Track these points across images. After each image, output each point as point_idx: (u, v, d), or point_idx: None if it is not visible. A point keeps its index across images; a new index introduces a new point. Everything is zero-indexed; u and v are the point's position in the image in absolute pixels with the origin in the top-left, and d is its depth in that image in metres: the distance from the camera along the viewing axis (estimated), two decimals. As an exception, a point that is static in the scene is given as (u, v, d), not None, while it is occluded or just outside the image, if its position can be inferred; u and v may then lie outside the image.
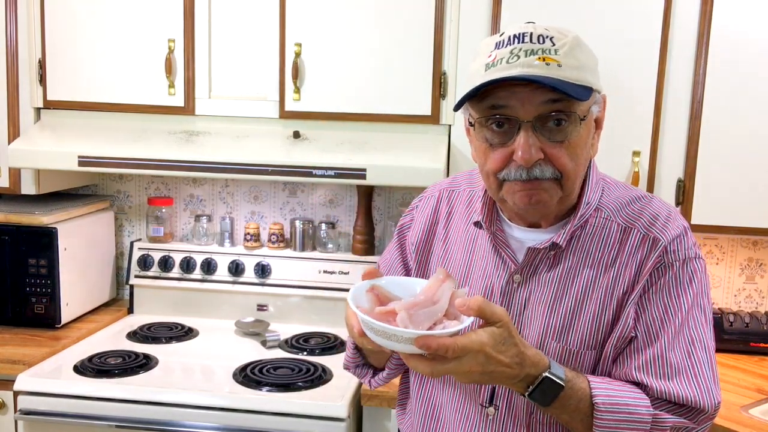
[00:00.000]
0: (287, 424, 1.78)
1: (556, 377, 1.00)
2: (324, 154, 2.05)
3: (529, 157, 1.03)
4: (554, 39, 1.03)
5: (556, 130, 1.04)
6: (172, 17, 2.14)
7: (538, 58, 1.01)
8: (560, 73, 1.00)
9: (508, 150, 1.06)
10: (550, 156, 1.04)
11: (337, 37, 2.09)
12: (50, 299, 2.23)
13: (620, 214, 1.15)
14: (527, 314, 1.15)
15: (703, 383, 1.08)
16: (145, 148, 2.11)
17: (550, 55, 1.01)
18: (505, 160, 1.06)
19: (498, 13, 2.00)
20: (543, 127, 1.04)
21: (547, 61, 1.01)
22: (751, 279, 2.40)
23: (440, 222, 1.28)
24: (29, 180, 2.26)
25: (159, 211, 2.53)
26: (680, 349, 1.09)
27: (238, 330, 2.32)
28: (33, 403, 1.86)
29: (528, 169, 1.04)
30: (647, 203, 1.17)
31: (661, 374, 1.08)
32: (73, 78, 2.20)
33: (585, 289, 1.12)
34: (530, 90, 1.02)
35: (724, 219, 2.03)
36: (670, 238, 1.11)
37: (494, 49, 1.04)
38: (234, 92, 2.19)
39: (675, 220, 1.14)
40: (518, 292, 1.15)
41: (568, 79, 1.01)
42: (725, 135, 1.99)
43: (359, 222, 2.43)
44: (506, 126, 1.05)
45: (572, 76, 1.01)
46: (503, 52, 1.03)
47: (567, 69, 1.01)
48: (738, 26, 1.95)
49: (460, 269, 1.22)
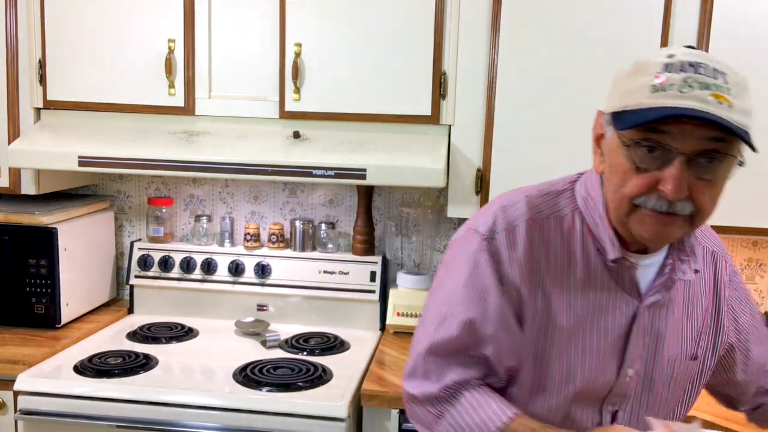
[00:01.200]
0: (287, 424, 1.78)
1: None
2: (324, 154, 2.05)
3: (680, 192, 0.98)
4: (727, 77, 0.98)
5: (706, 167, 0.99)
6: (172, 17, 2.14)
7: (712, 94, 0.96)
8: (730, 115, 0.96)
9: (653, 177, 1.00)
10: (693, 193, 1.00)
11: (337, 37, 2.09)
12: (50, 299, 2.23)
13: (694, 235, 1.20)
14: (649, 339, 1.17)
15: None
16: (145, 149, 2.11)
17: (724, 94, 0.96)
18: (648, 187, 1.01)
19: (498, 13, 2.00)
20: (694, 162, 0.99)
21: (719, 100, 0.95)
22: (751, 279, 2.40)
23: (540, 257, 1.13)
24: (29, 180, 2.26)
25: (159, 211, 2.53)
26: None
27: (238, 330, 2.32)
28: (33, 403, 1.86)
29: (670, 203, 1.00)
30: None
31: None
32: (74, 78, 2.20)
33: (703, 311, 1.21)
34: (695, 124, 0.96)
35: (724, 219, 2.02)
36: (720, 248, 1.26)
37: (663, 71, 0.99)
38: (234, 92, 2.19)
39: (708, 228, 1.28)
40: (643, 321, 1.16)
41: (736, 122, 0.96)
42: (725, 135, 1.99)
43: (359, 222, 2.43)
44: (658, 152, 0.99)
45: (740, 120, 0.96)
46: (675, 78, 0.97)
47: (736, 111, 0.96)
48: (738, 26, 1.95)
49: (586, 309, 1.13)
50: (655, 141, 0.98)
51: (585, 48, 1.99)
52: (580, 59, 1.99)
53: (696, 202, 1.01)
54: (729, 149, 0.99)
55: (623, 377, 1.16)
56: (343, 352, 2.19)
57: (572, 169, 1.24)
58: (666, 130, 0.97)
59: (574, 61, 1.99)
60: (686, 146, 0.97)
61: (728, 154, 0.99)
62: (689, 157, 0.98)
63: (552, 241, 1.13)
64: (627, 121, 0.99)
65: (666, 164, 0.99)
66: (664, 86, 0.97)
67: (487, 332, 1.12)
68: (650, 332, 1.16)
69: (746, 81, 1.01)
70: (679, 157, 0.98)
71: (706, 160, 0.99)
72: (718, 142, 0.98)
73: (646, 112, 0.97)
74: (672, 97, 0.96)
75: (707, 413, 1.79)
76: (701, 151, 0.98)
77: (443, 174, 1.99)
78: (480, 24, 2.03)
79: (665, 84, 0.97)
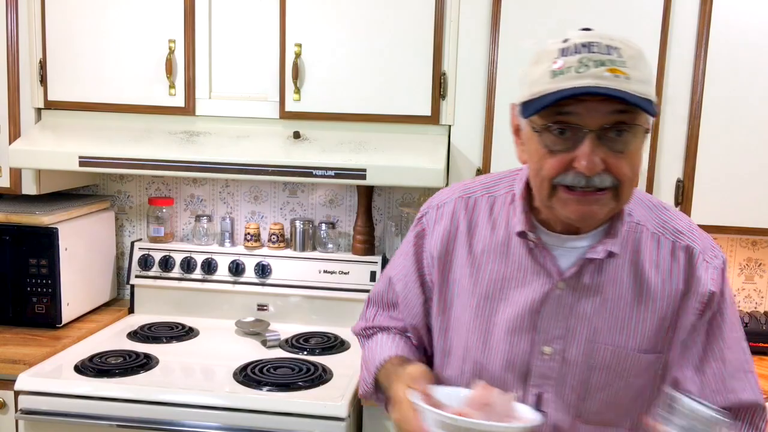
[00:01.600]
0: (287, 423, 1.78)
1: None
2: (324, 154, 2.05)
3: (593, 167, 1.02)
4: (621, 51, 1.02)
5: (617, 140, 1.03)
6: (173, 17, 2.15)
7: (607, 69, 1.00)
8: (628, 86, 1.00)
9: (568, 157, 1.04)
10: (610, 166, 1.03)
11: (337, 37, 2.09)
12: (51, 299, 2.23)
13: (649, 221, 1.18)
14: (573, 321, 1.15)
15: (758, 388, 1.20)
16: (146, 149, 2.12)
17: (618, 67, 1.00)
18: (564, 166, 1.05)
19: (498, 13, 2.01)
20: (605, 136, 1.03)
21: (615, 73, 1.00)
22: (751, 279, 2.41)
23: (460, 232, 1.24)
24: (30, 180, 2.26)
25: (159, 211, 2.53)
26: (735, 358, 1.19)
27: (239, 330, 2.32)
28: (34, 402, 1.87)
29: (588, 178, 1.03)
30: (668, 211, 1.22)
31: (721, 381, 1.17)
32: (74, 78, 2.21)
33: (632, 294, 1.15)
34: (598, 100, 1.01)
35: (724, 219, 2.04)
36: (702, 245, 1.18)
37: (560, 56, 1.03)
38: (234, 92, 2.20)
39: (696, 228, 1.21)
40: (562, 300, 1.16)
41: (635, 92, 1.00)
42: (725, 135, 2.00)
43: (359, 222, 2.43)
44: (569, 133, 1.04)
45: (638, 89, 1.01)
46: (571, 60, 1.02)
47: (634, 82, 1.01)
48: (738, 26, 1.95)
49: (494, 281, 1.20)
50: (563, 122, 1.03)
51: (585, 48, 1.99)
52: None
53: (614, 173, 1.04)
54: (634, 119, 1.03)
55: (538, 355, 1.17)
56: (344, 351, 2.19)
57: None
58: (571, 110, 1.02)
59: (574, 61, 1.99)
60: (593, 123, 1.02)
61: (635, 124, 1.03)
62: (598, 133, 1.02)
63: (477, 218, 1.24)
64: (531, 108, 1.05)
65: (578, 143, 1.03)
66: (562, 70, 1.02)
67: (397, 289, 1.32)
68: (573, 314, 1.15)
69: (641, 52, 1.05)
70: (589, 134, 1.02)
71: (616, 133, 1.03)
72: (623, 113, 1.02)
73: (546, 97, 1.02)
74: (570, 78, 1.01)
75: (707, 413, 1.79)
76: (609, 125, 1.02)
77: (443, 174, 1.99)
78: (480, 24, 2.04)
79: (563, 68, 1.02)
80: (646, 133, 1.07)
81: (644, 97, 1.01)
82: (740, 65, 1.97)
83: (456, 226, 1.25)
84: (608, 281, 1.15)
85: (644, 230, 1.17)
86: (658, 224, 1.18)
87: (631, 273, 1.16)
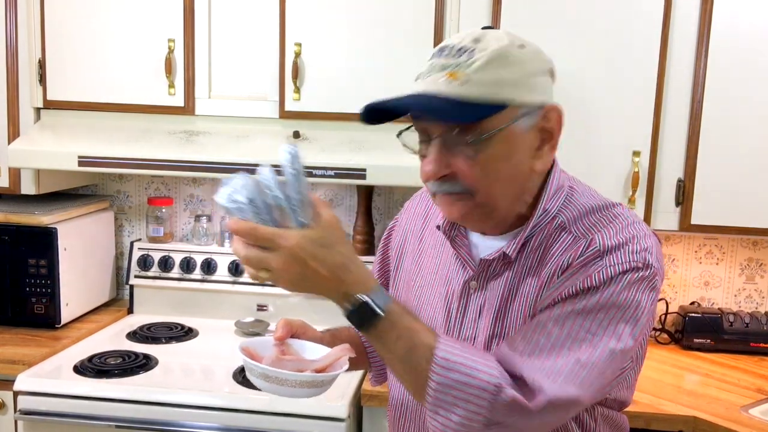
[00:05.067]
0: (287, 424, 1.78)
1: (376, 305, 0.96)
2: (324, 154, 2.05)
3: (431, 172, 1.03)
4: (474, 52, 0.99)
5: (471, 145, 1.00)
6: (172, 17, 2.14)
7: (448, 73, 0.99)
8: (460, 91, 0.98)
9: None
10: (456, 172, 1.02)
11: (337, 37, 2.09)
12: (50, 299, 2.23)
13: (577, 224, 1.08)
14: (481, 320, 1.13)
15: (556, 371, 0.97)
16: (145, 148, 2.11)
17: (460, 70, 0.99)
18: None
19: (498, 13, 2.00)
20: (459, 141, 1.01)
21: (454, 77, 0.99)
22: (751, 279, 2.40)
23: (417, 223, 1.28)
24: (29, 180, 2.26)
25: (159, 211, 2.53)
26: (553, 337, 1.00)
27: (238, 330, 2.32)
28: (33, 403, 1.86)
29: (438, 183, 1.04)
30: (609, 213, 1.09)
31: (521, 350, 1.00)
32: (73, 78, 2.20)
33: (528, 297, 1.08)
34: None
35: (724, 219, 2.03)
36: (609, 244, 1.02)
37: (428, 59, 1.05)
38: (234, 92, 2.19)
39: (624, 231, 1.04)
40: (474, 298, 1.14)
41: (468, 96, 0.97)
42: (725, 135, 2.00)
43: (359, 222, 2.43)
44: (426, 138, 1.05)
45: (475, 92, 0.98)
46: (426, 65, 1.03)
47: (474, 84, 0.98)
48: (738, 26, 1.95)
49: (429, 270, 1.21)
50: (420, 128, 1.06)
51: (585, 48, 1.99)
52: (580, 59, 1.99)
53: (461, 179, 1.03)
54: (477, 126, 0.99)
55: None
56: (343, 352, 2.19)
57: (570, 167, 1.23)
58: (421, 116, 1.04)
59: (574, 60, 1.99)
60: (436, 129, 1.03)
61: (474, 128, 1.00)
62: (446, 138, 1.01)
63: (431, 211, 1.27)
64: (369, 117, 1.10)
65: None
66: (419, 75, 1.04)
67: None
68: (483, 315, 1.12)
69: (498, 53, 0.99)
70: (434, 140, 1.03)
71: (471, 138, 1.00)
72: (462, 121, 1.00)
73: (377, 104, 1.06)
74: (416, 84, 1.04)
75: (707, 413, 1.79)
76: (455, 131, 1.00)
77: (443, 174, 1.99)
78: (480, 24, 2.02)
79: (421, 72, 1.04)
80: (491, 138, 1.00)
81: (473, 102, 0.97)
82: (741, 65, 1.97)
83: (414, 219, 1.30)
84: (511, 283, 1.10)
85: (564, 233, 1.08)
86: (587, 227, 1.07)
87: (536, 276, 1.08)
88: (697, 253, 2.41)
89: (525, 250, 1.10)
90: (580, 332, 0.99)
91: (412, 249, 1.27)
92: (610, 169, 2.02)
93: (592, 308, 1.00)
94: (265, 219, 0.92)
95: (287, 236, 0.91)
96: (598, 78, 2.00)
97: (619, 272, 1.00)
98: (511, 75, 1.01)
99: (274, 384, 1.02)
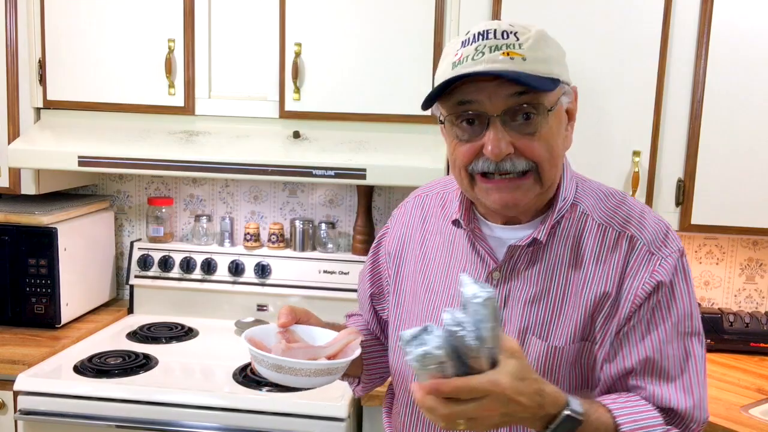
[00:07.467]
0: (287, 424, 1.78)
1: (576, 413, 0.96)
2: (324, 154, 2.05)
3: (499, 151, 1.03)
4: (518, 34, 1.04)
5: (525, 123, 1.04)
6: (172, 17, 2.14)
7: (502, 53, 1.02)
8: (525, 67, 1.01)
9: (477, 144, 1.06)
10: (521, 148, 1.04)
11: (337, 37, 2.09)
12: (50, 299, 2.23)
13: (596, 211, 1.15)
14: (506, 312, 1.14)
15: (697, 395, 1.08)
16: (145, 148, 2.11)
17: (515, 50, 1.02)
18: (474, 154, 1.07)
19: (498, 13, 2.00)
20: (512, 121, 1.04)
21: (511, 56, 1.02)
22: (751, 279, 2.40)
23: (415, 228, 1.29)
24: (29, 180, 2.26)
25: (159, 211, 2.53)
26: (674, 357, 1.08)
27: (238, 330, 2.32)
28: (33, 403, 1.86)
29: (497, 163, 1.05)
30: (621, 200, 1.17)
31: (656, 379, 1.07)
32: (73, 78, 2.20)
33: (566, 285, 1.11)
34: (496, 84, 1.02)
35: (724, 219, 2.03)
36: (649, 237, 1.12)
37: (460, 48, 1.05)
38: (234, 92, 2.19)
39: (649, 218, 1.14)
40: (497, 290, 1.14)
41: (532, 71, 1.01)
42: (725, 135, 1.99)
43: (359, 222, 2.43)
44: (476, 122, 1.06)
45: (537, 69, 1.02)
46: (468, 50, 1.04)
47: (532, 62, 1.02)
48: (738, 26, 1.95)
49: (438, 271, 1.22)
50: (467, 111, 1.05)
51: (585, 48, 1.99)
52: (580, 59, 1.99)
53: (529, 156, 1.05)
54: (536, 99, 1.03)
55: None
56: (343, 352, 2.19)
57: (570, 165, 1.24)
58: (472, 99, 1.04)
59: (574, 60, 1.98)
60: (495, 108, 1.03)
61: (539, 103, 1.04)
62: (503, 118, 1.04)
63: (428, 214, 1.29)
64: (430, 98, 1.07)
65: (485, 130, 1.05)
66: (460, 60, 1.04)
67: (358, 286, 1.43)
68: (508, 305, 1.13)
69: (541, 33, 1.06)
70: (492, 119, 1.04)
71: (524, 117, 1.04)
72: (524, 95, 1.03)
73: (440, 86, 1.05)
74: (467, 66, 1.03)
75: (707, 413, 1.79)
76: (513, 109, 1.03)
77: (443, 173, 1.99)
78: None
79: (462, 58, 1.04)
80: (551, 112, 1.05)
81: (542, 75, 1.02)
82: (741, 65, 1.97)
83: (410, 224, 1.31)
84: (543, 272, 1.13)
85: (590, 221, 1.14)
86: (607, 214, 1.14)
87: (570, 264, 1.12)
88: (697, 253, 2.41)
89: (554, 239, 1.13)
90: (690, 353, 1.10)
91: (414, 254, 1.27)
92: (610, 169, 2.02)
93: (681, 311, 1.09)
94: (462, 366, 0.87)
95: (499, 381, 0.87)
96: (598, 78, 2.00)
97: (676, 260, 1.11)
98: (556, 53, 1.07)
99: (288, 374, 1.00)
